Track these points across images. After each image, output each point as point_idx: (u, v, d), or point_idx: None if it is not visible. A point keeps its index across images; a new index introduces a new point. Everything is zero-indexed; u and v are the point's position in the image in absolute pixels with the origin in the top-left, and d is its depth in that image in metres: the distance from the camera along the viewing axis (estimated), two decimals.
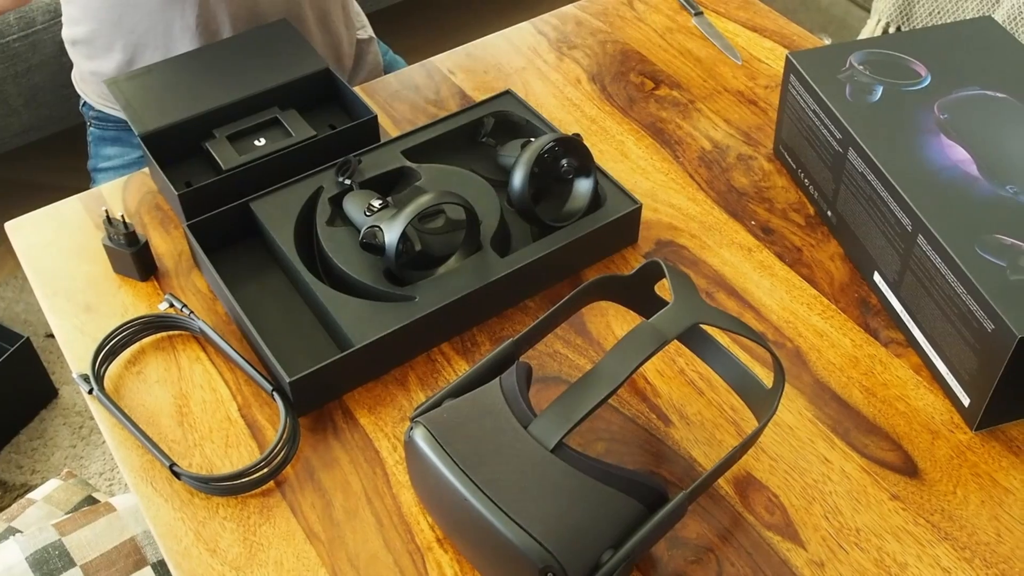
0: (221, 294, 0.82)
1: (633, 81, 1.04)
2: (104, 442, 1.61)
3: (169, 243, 0.89)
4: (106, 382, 0.79)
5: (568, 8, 1.14)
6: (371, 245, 0.79)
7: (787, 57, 0.87)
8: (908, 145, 0.78)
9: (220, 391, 0.78)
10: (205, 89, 0.95)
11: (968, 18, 1.36)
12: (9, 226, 0.92)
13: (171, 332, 0.82)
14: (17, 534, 0.98)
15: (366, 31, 1.23)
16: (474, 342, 0.80)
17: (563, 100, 1.01)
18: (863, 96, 0.83)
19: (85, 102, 1.19)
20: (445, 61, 1.06)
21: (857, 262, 0.84)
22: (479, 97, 1.02)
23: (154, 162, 0.90)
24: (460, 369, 0.79)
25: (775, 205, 0.90)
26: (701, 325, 0.71)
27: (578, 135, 0.87)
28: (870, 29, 1.47)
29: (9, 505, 1.36)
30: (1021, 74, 0.85)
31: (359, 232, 0.82)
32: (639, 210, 0.85)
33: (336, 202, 0.86)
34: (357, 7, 1.23)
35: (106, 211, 0.83)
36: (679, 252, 0.86)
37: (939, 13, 1.33)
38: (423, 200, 0.78)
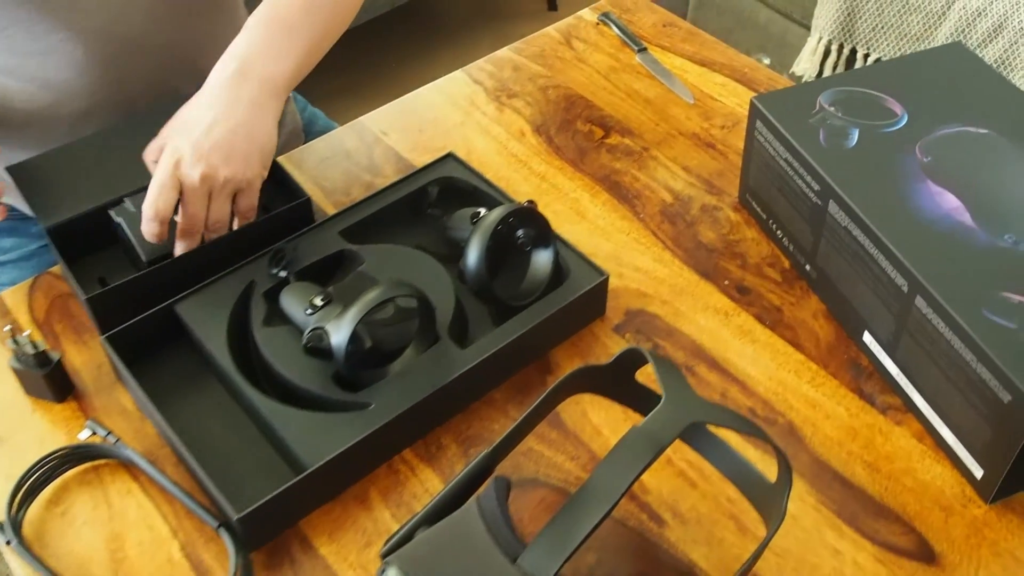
0: (150, 414, 0.72)
1: (581, 130, 0.97)
2: None
3: (87, 354, 0.79)
4: (25, 528, 0.69)
5: (503, 52, 1.06)
6: (317, 349, 0.71)
7: (752, 102, 0.81)
8: (894, 195, 0.73)
9: (158, 528, 0.69)
10: (118, 171, 0.85)
11: (925, 41, 1.32)
12: None
13: (97, 462, 0.73)
14: None
15: None
16: (439, 445, 0.73)
17: (508, 157, 0.94)
18: (839, 141, 0.77)
19: None
20: (377, 120, 0.98)
21: (843, 320, 0.78)
22: (416, 159, 0.94)
23: (63, 261, 0.80)
24: (425, 478, 0.71)
25: (748, 260, 0.84)
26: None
27: (532, 203, 0.80)
28: (811, 48, 1.42)
29: None
30: (999, 105, 0.80)
31: (300, 332, 0.73)
32: (606, 282, 0.78)
33: (272, 297, 0.77)
34: None
35: (11, 329, 0.74)
36: (651, 322, 0.80)
37: (882, 28, 1.29)
38: (371, 296, 0.70)
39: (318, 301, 0.73)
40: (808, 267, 0.81)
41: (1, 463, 0.73)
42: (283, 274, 0.78)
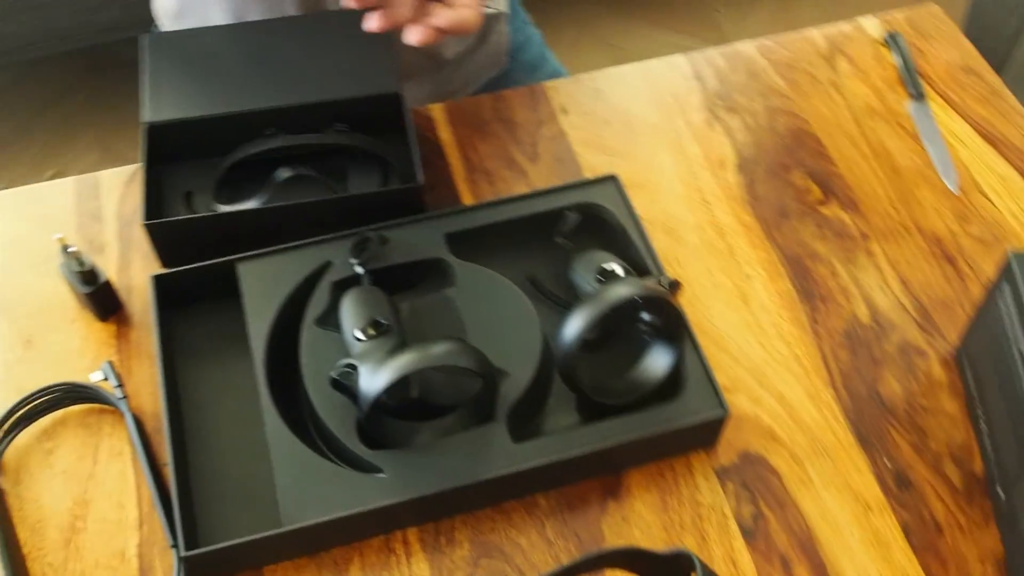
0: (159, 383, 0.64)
1: (795, 184, 0.76)
2: None
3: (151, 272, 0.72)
4: (9, 453, 0.64)
5: (745, 46, 0.85)
6: (342, 386, 0.59)
7: (1008, 258, 0.58)
8: None
9: (128, 510, 0.62)
10: (243, 81, 0.75)
11: None
12: None
13: (105, 406, 0.66)
14: None
15: (497, 3, 0.98)
16: (450, 539, 0.60)
17: (692, 190, 0.75)
18: None
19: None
20: (559, 92, 0.81)
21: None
22: (585, 157, 0.77)
23: (145, 170, 0.70)
24: (418, 572, 0.59)
25: (928, 443, 0.63)
26: None
27: (676, 285, 0.62)
28: None
29: None
30: None
31: (345, 350, 0.62)
32: (724, 420, 0.61)
33: (342, 290, 0.66)
34: None
35: (62, 239, 0.66)
36: (766, 480, 0.62)
37: None
38: (425, 356, 0.57)
39: (379, 324, 0.61)
40: (1001, 492, 0.59)
41: (18, 371, 0.67)
42: (360, 270, 0.66)
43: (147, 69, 0.75)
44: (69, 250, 0.66)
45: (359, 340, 0.61)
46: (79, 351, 0.68)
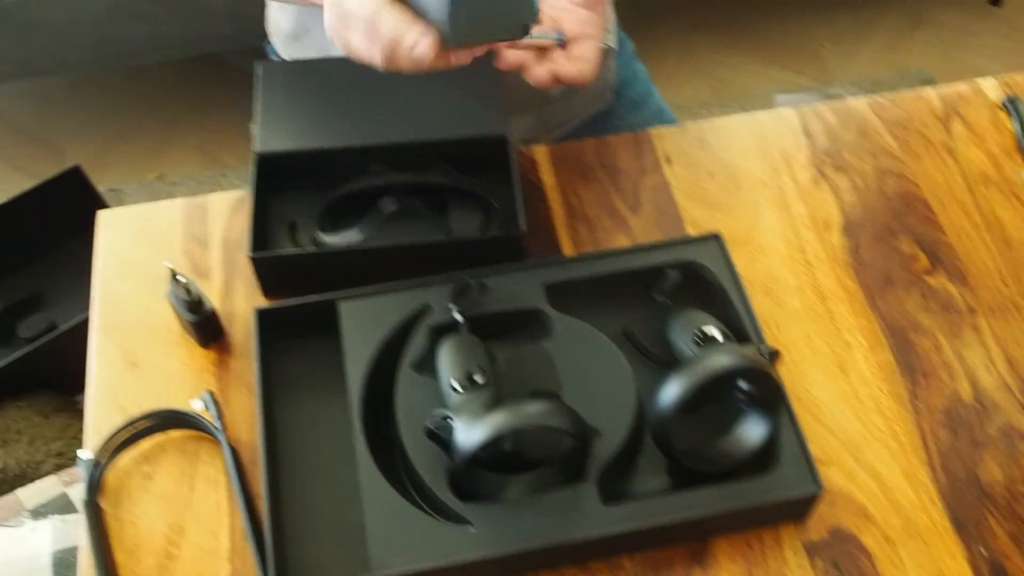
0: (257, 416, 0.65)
1: (902, 250, 0.74)
2: None
3: (254, 302, 0.73)
4: (109, 474, 0.66)
5: (858, 102, 0.83)
6: (437, 437, 0.60)
7: None
8: None
9: (221, 540, 0.63)
10: (360, 115, 0.76)
11: None
12: (103, 217, 0.79)
13: (204, 434, 0.68)
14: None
15: (607, 39, 0.98)
16: None
17: (794, 251, 0.74)
18: None
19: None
20: (664, 140, 0.81)
21: None
22: (688, 209, 0.77)
23: (253, 200, 0.72)
24: None
25: None
26: None
27: (775, 355, 0.62)
28: None
29: None
30: None
31: (440, 397, 0.62)
32: (817, 497, 0.60)
33: (439, 335, 0.66)
34: (609, 10, 0.97)
35: (172, 269, 0.68)
36: (856, 561, 0.61)
37: None
38: (521, 415, 0.57)
39: (474, 378, 0.61)
40: None
41: (122, 391, 0.69)
42: (459, 317, 0.66)
43: (260, 98, 0.77)
44: (178, 278, 0.68)
45: (456, 391, 0.61)
46: (180, 375, 0.70)
